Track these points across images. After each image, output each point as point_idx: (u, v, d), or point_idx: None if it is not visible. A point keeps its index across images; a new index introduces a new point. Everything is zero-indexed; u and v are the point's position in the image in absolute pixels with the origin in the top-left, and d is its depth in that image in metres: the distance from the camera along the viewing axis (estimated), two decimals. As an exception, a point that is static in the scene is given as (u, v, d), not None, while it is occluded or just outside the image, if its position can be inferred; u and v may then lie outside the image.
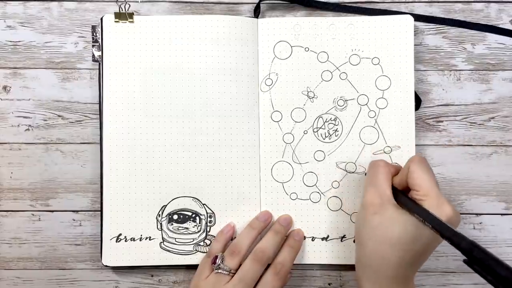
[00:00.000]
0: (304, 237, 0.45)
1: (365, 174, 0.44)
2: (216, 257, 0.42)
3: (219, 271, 0.41)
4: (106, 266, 0.45)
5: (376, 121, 0.46)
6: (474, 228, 0.47)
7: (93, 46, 0.46)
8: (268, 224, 0.45)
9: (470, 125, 0.47)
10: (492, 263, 0.27)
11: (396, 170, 0.41)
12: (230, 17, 0.46)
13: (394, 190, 0.39)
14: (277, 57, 0.46)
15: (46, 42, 0.47)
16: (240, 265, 0.42)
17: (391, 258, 0.36)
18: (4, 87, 0.47)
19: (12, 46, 0.47)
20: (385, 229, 0.36)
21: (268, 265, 0.42)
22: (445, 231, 0.31)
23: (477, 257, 0.28)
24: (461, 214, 0.47)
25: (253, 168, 0.46)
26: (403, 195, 0.38)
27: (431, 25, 0.47)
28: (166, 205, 0.46)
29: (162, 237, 0.46)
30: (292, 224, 0.45)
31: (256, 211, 0.46)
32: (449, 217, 0.35)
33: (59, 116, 0.47)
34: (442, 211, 0.35)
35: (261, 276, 0.41)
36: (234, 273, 0.41)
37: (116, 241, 0.45)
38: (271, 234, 0.43)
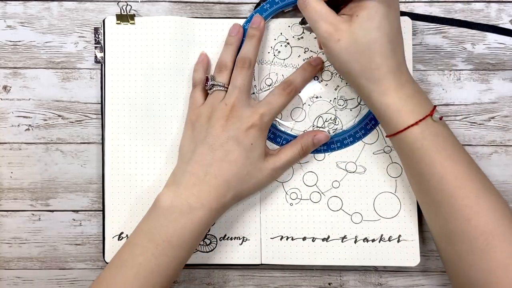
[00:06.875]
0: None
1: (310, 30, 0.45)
2: (207, 78, 0.43)
3: (214, 88, 0.42)
4: (108, 263, 0.45)
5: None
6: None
7: (95, 47, 0.47)
8: (242, 35, 0.45)
9: (470, 125, 0.47)
10: None
11: None
12: (231, 21, 0.45)
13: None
14: (277, 57, 0.46)
15: (46, 42, 0.47)
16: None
17: (383, 50, 0.37)
18: (4, 87, 0.47)
19: (12, 46, 0.47)
20: (361, 39, 0.37)
21: None
22: None
23: None
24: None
25: (253, 168, 0.46)
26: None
27: (431, 25, 0.47)
28: (166, 205, 0.46)
29: (162, 237, 0.45)
30: (263, 23, 0.44)
31: (255, 210, 0.46)
32: None
33: (59, 116, 0.47)
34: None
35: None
36: (227, 87, 0.42)
37: (118, 240, 0.45)
38: (246, 41, 0.44)
